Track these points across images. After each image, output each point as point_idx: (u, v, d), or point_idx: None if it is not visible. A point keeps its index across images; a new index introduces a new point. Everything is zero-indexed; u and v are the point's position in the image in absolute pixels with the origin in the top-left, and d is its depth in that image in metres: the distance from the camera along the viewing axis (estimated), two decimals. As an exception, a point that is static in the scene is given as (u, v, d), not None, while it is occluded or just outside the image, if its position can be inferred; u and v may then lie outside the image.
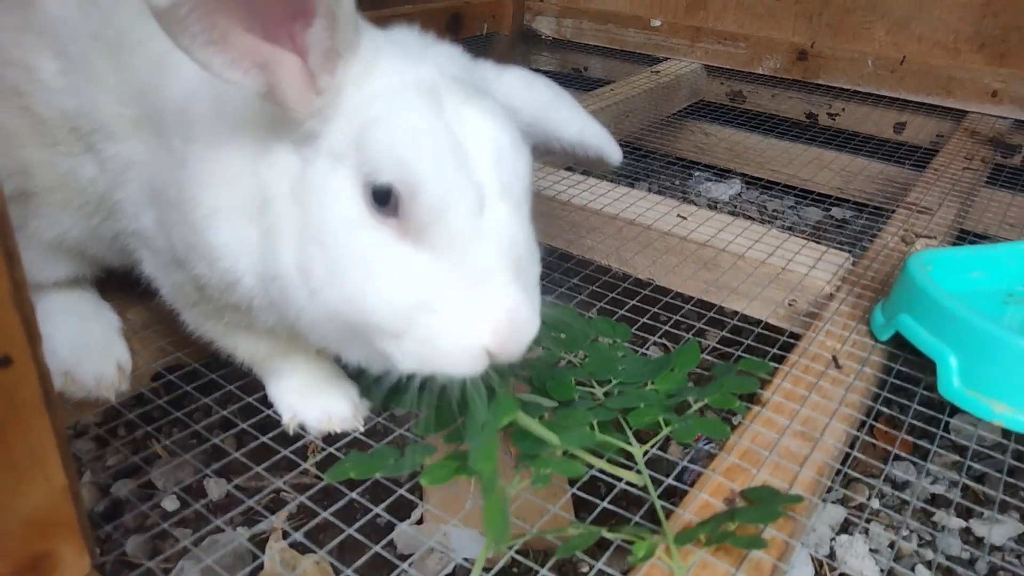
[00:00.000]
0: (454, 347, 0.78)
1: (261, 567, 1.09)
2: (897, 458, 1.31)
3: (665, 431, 0.97)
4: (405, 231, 0.78)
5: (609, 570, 0.84)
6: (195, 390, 1.19)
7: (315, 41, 0.75)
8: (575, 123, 1.05)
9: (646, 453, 0.96)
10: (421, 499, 1.12)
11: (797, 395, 1.10)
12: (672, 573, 0.81)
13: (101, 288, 1.28)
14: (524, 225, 0.83)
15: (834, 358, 1.18)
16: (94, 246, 1.11)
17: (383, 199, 0.78)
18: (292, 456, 1.07)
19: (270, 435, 1.09)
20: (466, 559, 1.05)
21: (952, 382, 1.07)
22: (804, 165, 2.46)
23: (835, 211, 2.43)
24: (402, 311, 0.78)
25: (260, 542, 1.12)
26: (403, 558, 1.04)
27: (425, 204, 0.76)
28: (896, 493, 1.26)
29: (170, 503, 1.22)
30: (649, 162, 2.66)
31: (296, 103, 0.78)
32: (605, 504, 0.95)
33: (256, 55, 0.74)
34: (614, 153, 1.09)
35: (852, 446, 1.07)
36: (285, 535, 1.13)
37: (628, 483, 0.96)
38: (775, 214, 2.43)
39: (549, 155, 1.08)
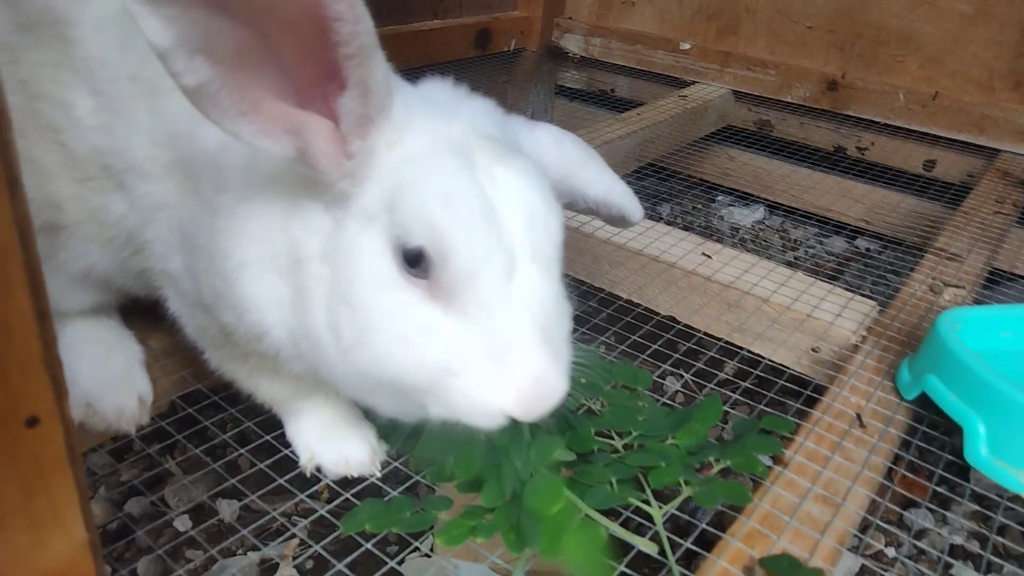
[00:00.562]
0: (474, 407, 0.78)
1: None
2: (914, 505, 1.29)
3: (685, 493, 0.96)
4: (435, 293, 0.78)
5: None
6: (213, 425, 1.19)
7: (348, 109, 0.75)
8: (602, 182, 1.05)
9: (665, 515, 0.95)
10: (432, 528, 1.12)
11: (820, 456, 1.09)
12: (689, 647, 0.80)
13: (123, 313, 1.28)
14: (554, 286, 0.82)
15: (858, 416, 1.17)
16: (120, 278, 1.11)
17: (414, 261, 0.77)
18: (298, 492, 1.07)
19: (278, 457, 1.07)
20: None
21: (979, 450, 1.06)
22: (830, 194, 2.44)
23: (859, 242, 2.41)
24: (428, 373, 0.78)
25: (270, 567, 1.12)
26: None
27: (455, 269, 0.76)
28: (914, 542, 1.24)
29: (181, 523, 1.22)
30: (672, 184, 2.64)
31: (327, 167, 0.78)
32: (622, 567, 0.94)
33: (287, 122, 0.74)
34: (636, 213, 1.09)
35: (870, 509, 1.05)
36: (295, 559, 1.13)
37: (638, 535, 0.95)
38: (797, 243, 2.41)
39: (570, 209, 1.08)
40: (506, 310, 0.77)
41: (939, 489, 1.11)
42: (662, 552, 0.93)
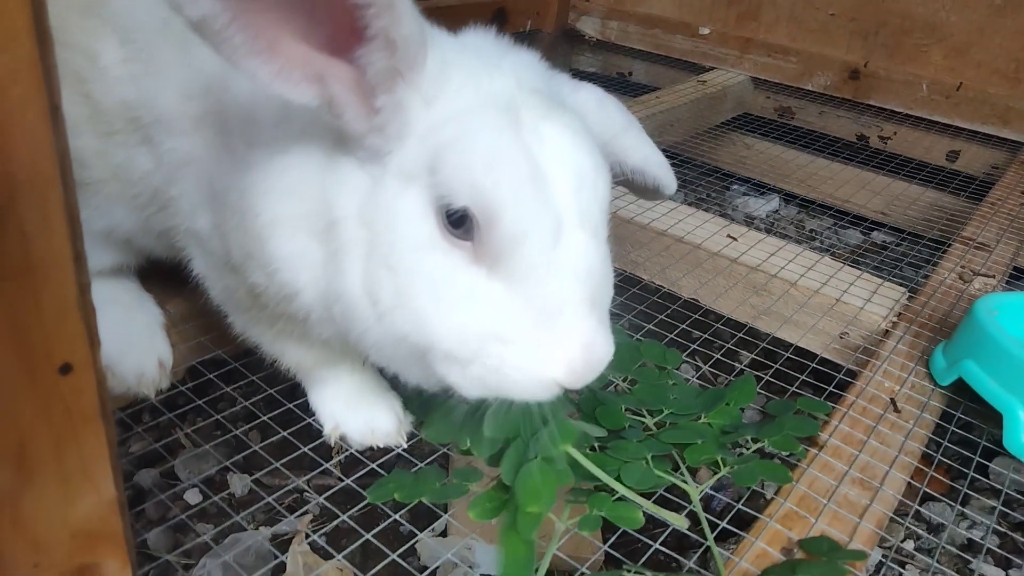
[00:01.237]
0: (525, 377, 0.75)
1: (282, 567, 1.07)
2: (931, 499, 1.26)
3: (723, 471, 0.93)
4: (479, 256, 0.75)
5: (662, 618, 0.81)
6: (225, 397, 1.16)
7: (371, 61, 0.71)
8: (641, 150, 1.02)
9: (701, 493, 0.93)
10: (446, 510, 1.10)
11: (855, 439, 1.06)
12: (730, 626, 0.78)
13: (141, 278, 1.25)
14: (601, 252, 0.79)
15: (892, 400, 1.14)
16: (143, 238, 1.08)
17: (457, 223, 0.74)
18: (313, 456, 1.05)
19: (292, 430, 1.04)
20: None
21: (1020, 437, 1.03)
22: (846, 185, 2.41)
23: (875, 235, 2.38)
24: (473, 340, 0.75)
25: (281, 542, 1.10)
26: (425, 569, 1.02)
27: (502, 232, 0.73)
28: (931, 537, 1.22)
29: (192, 496, 1.20)
30: (687, 171, 2.61)
31: (353, 119, 0.74)
32: (656, 546, 0.91)
33: (308, 66, 0.70)
34: (671, 185, 1.07)
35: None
36: (306, 536, 1.11)
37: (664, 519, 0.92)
38: (812, 233, 2.38)
39: None
40: (554, 275, 0.74)
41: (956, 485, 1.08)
42: (692, 529, 0.90)
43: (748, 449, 0.99)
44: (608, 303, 0.82)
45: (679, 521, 0.90)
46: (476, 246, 0.75)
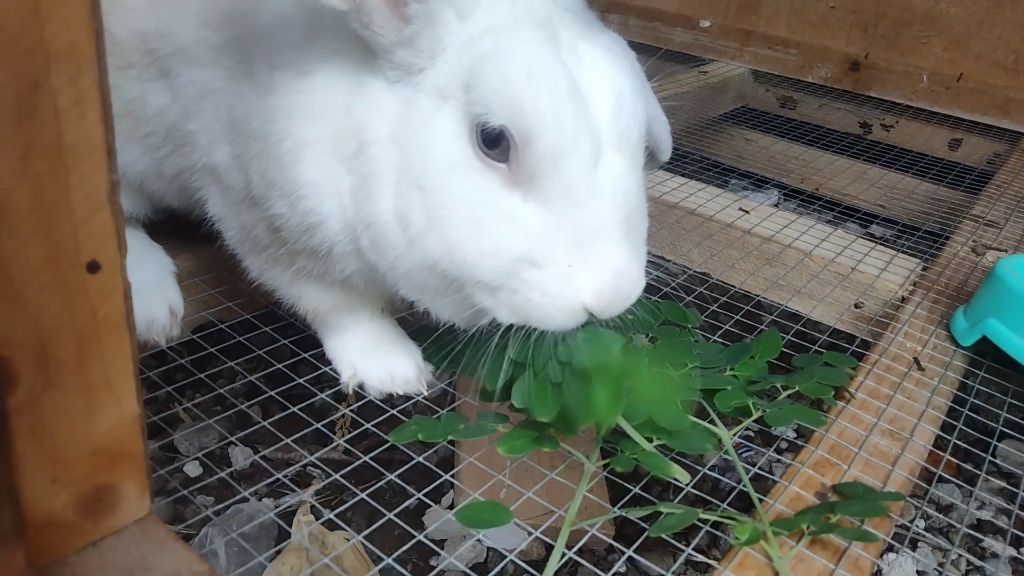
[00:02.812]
0: (553, 303, 0.74)
1: (286, 538, 1.03)
2: (941, 480, 1.24)
3: (756, 414, 0.91)
4: (515, 178, 0.73)
5: (700, 558, 0.78)
6: (222, 352, 1.12)
7: None
8: (650, 108, 1.01)
9: (735, 435, 0.90)
10: (453, 487, 1.07)
11: (881, 394, 1.04)
12: (769, 563, 0.75)
13: (148, 232, 1.22)
14: (638, 177, 0.78)
15: (916, 360, 1.13)
16: (155, 182, 1.05)
17: (493, 142, 0.72)
18: (322, 429, 1.02)
19: (299, 407, 1.02)
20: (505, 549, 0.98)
21: (1048, 391, 1.02)
22: (845, 177, 2.40)
23: (874, 228, 2.38)
24: (506, 264, 0.73)
25: (284, 514, 1.06)
26: (435, 543, 0.99)
27: (539, 152, 0.71)
28: (943, 516, 1.20)
29: (193, 468, 1.16)
30: (685, 165, 2.60)
31: (382, 27, 0.72)
32: (689, 488, 0.88)
33: None
34: (668, 149, 1.07)
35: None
36: (312, 509, 1.07)
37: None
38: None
39: None
40: (592, 199, 0.73)
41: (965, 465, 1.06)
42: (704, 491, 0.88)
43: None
44: (643, 232, 0.80)
45: (682, 476, 0.87)
46: (512, 167, 0.73)
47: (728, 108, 2.62)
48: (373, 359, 1.03)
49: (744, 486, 0.83)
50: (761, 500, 0.84)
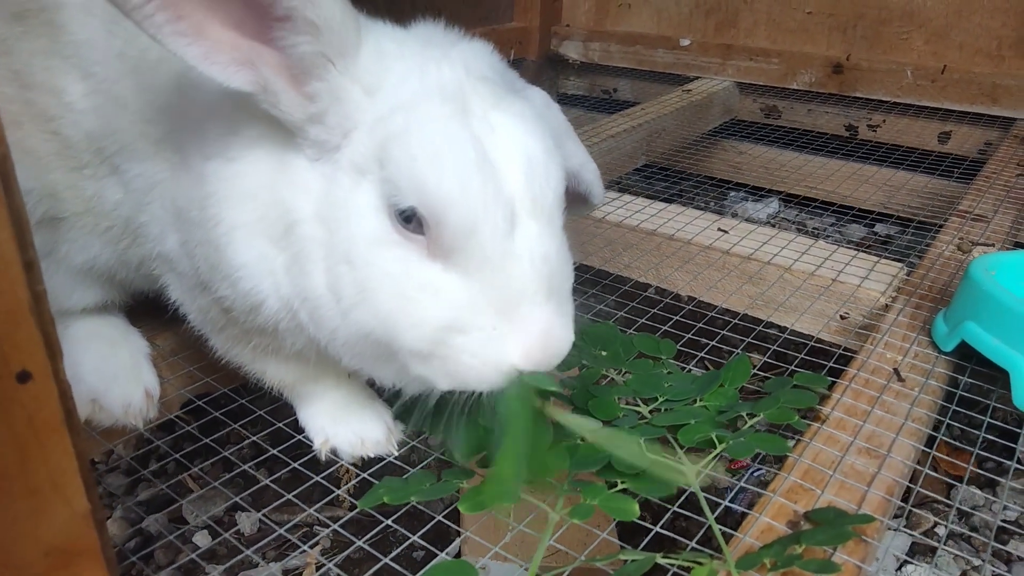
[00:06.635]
0: (483, 364, 0.75)
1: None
2: (962, 480, 1.22)
3: (719, 448, 0.91)
4: (433, 250, 0.75)
5: (665, 600, 0.78)
6: (225, 416, 1.15)
7: (292, 43, 0.72)
8: (578, 156, 1.04)
9: (699, 473, 0.90)
10: (459, 530, 1.07)
11: (859, 410, 1.03)
12: (735, 602, 0.75)
13: (130, 314, 1.25)
14: (556, 238, 0.79)
15: (896, 371, 1.11)
16: (122, 271, 1.09)
17: (409, 218, 0.75)
18: (325, 484, 1.03)
19: (301, 462, 1.04)
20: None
21: (1028, 393, 1.00)
22: (844, 180, 2.38)
23: (879, 227, 2.35)
24: (432, 332, 0.75)
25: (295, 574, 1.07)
26: None
27: (452, 227, 0.73)
28: (965, 521, 1.17)
29: (201, 538, 1.18)
30: (682, 183, 2.60)
31: (289, 107, 0.75)
32: (658, 529, 0.88)
33: (236, 50, 0.72)
34: (600, 195, 1.08)
35: (919, 463, 0.99)
36: (319, 567, 1.08)
37: (678, 508, 0.90)
38: (816, 232, 2.35)
39: None
40: (509, 265, 0.74)
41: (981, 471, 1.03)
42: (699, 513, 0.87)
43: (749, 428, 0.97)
44: (568, 289, 0.81)
45: (671, 488, 0.86)
46: (429, 240, 0.74)
47: (716, 123, 2.62)
48: (342, 424, 1.05)
49: (710, 525, 0.82)
50: (732, 536, 0.84)
